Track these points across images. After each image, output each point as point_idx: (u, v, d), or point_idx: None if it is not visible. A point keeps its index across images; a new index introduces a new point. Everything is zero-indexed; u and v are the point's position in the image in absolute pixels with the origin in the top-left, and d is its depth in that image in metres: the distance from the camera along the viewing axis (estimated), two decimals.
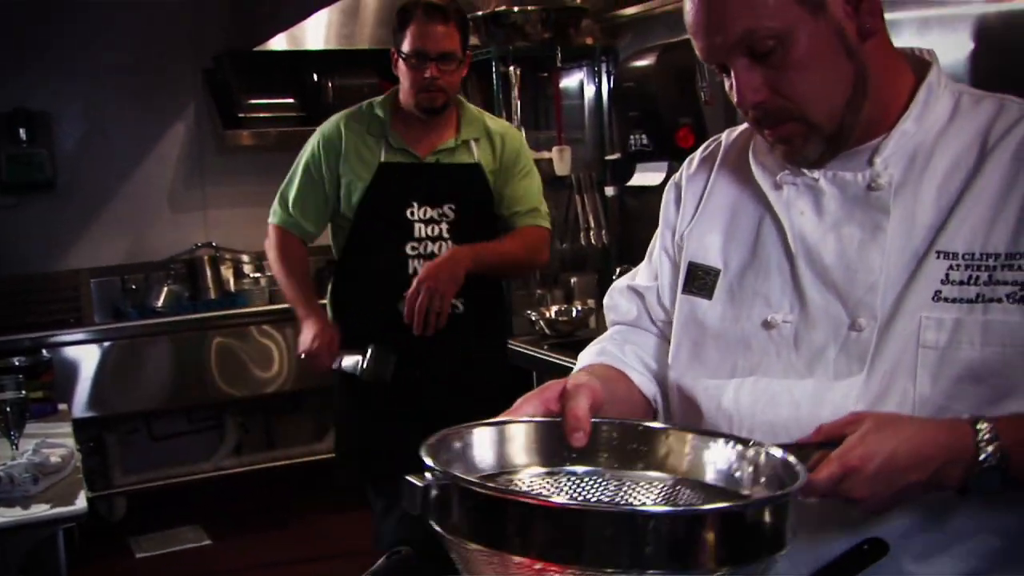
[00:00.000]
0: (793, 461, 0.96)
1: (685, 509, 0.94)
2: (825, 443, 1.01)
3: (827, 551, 1.08)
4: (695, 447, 1.05)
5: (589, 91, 4.17)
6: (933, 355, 1.09)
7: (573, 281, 4.00)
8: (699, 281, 1.27)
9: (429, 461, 0.92)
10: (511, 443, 1.07)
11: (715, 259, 1.27)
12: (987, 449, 1.00)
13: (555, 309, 3.75)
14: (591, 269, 4.08)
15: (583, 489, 1.06)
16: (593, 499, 1.04)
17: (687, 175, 1.36)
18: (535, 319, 3.66)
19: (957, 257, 1.10)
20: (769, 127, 1.16)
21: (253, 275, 4.88)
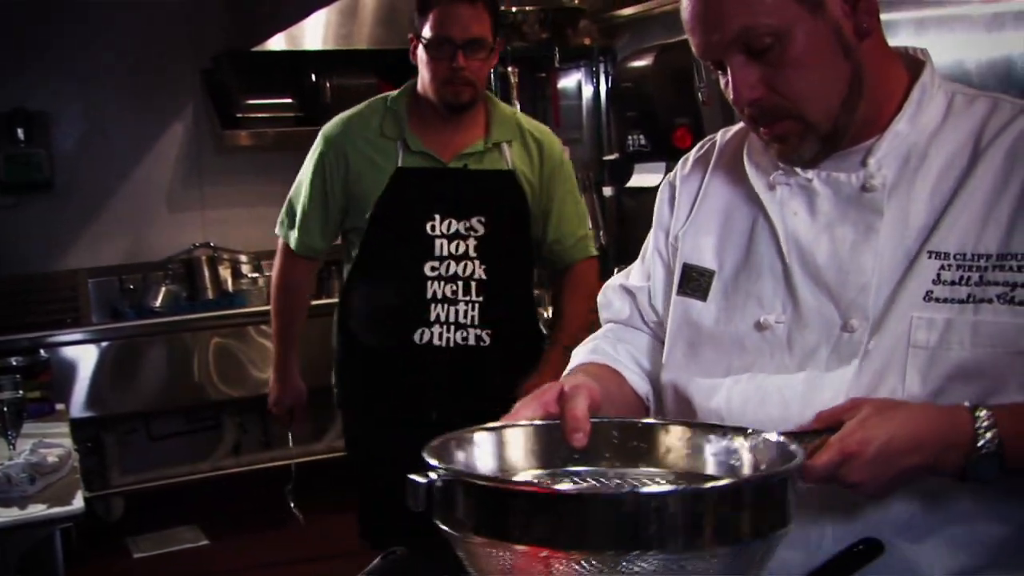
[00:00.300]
0: (791, 445, 0.97)
1: (684, 488, 0.95)
2: (824, 429, 1.02)
3: (825, 537, 1.09)
4: (695, 441, 1.06)
5: (587, 91, 4.17)
6: (923, 355, 1.09)
7: None
8: (694, 282, 1.27)
9: (433, 462, 0.93)
10: (513, 446, 1.07)
11: (709, 260, 1.27)
12: (985, 436, 1.01)
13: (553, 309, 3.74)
14: None
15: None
16: None
17: (681, 175, 1.36)
18: None
19: (949, 257, 1.10)
20: (765, 125, 1.16)
21: (251, 275, 4.88)
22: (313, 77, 4.72)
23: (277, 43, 4.45)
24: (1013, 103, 1.15)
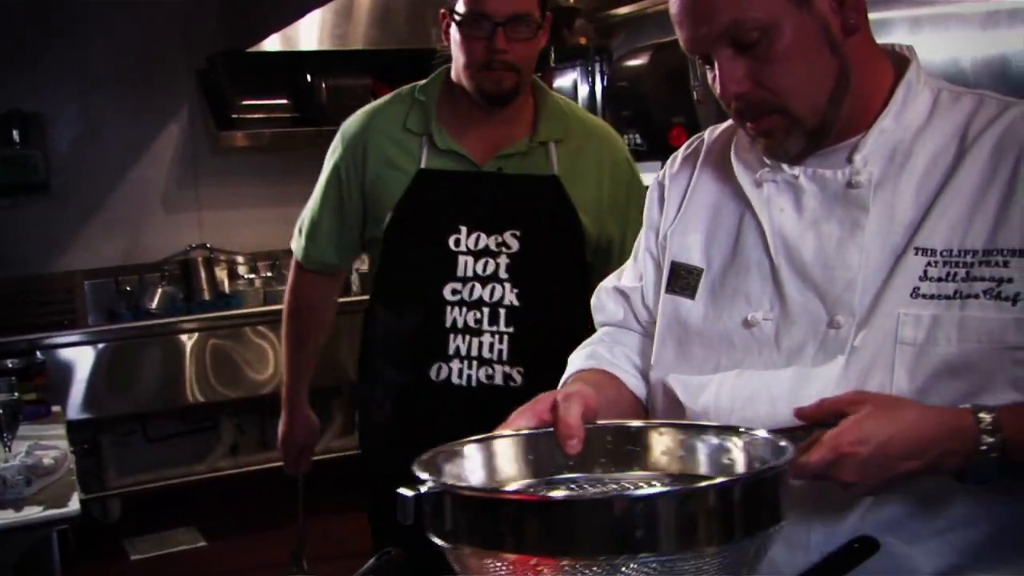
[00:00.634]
0: (782, 442, 0.97)
1: (671, 489, 0.94)
2: (822, 423, 1.02)
3: (815, 535, 1.09)
4: (689, 442, 1.06)
5: (583, 91, 4.16)
6: (910, 351, 1.09)
7: None
8: (682, 280, 1.27)
9: (423, 475, 0.93)
10: (507, 456, 1.07)
11: (697, 258, 1.27)
12: (989, 441, 1.00)
13: None
14: None
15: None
16: None
17: (670, 174, 1.36)
18: None
19: (935, 254, 1.10)
20: (751, 120, 1.16)
21: (247, 276, 4.88)
22: (308, 77, 4.72)
23: (272, 44, 4.44)
24: (999, 99, 1.15)
